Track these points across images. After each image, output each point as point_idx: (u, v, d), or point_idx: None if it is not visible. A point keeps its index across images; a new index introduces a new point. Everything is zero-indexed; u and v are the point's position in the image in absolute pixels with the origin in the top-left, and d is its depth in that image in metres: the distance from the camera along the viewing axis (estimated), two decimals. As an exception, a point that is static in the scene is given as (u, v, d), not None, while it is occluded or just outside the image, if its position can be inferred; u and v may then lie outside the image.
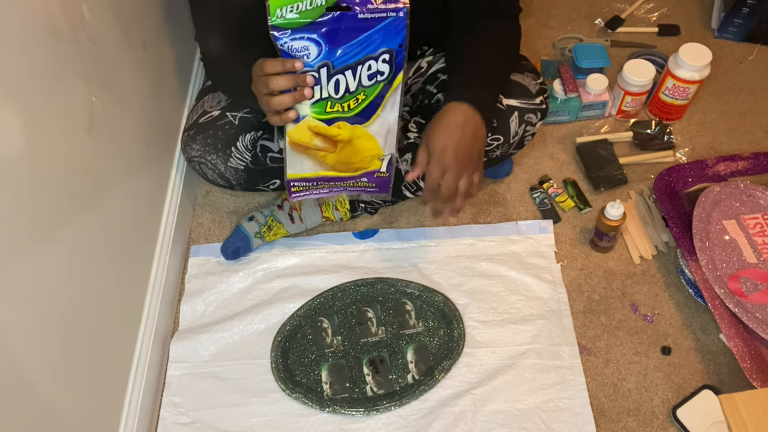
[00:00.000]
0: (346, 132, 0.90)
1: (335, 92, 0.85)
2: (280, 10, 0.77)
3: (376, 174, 0.98)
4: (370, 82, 0.85)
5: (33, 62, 0.78)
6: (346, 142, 0.92)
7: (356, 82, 0.85)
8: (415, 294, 1.14)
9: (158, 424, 1.04)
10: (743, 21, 1.48)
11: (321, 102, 0.86)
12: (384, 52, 0.83)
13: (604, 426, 1.02)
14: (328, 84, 0.84)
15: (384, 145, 0.94)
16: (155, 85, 1.16)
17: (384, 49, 0.82)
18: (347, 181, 0.99)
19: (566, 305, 1.13)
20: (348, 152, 0.93)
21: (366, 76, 0.84)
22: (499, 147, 1.12)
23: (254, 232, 1.19)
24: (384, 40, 0.82)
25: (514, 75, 1.10)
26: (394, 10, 0.79)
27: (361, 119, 0.90)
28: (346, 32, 0.80)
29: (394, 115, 0.90)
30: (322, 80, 0.84)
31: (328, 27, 0.79)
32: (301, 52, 0.81)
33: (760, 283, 1.07)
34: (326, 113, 0.87)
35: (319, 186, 0.99)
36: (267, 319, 1.13)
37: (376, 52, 0.83)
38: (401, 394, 1.04)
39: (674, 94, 1.32)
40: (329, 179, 0.98)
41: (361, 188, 1.01)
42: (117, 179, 1.00)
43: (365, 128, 0.91)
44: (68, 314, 0.85)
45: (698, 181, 1.25)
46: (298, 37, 0.79)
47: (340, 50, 0.81)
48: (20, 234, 0.75)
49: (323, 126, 0.89)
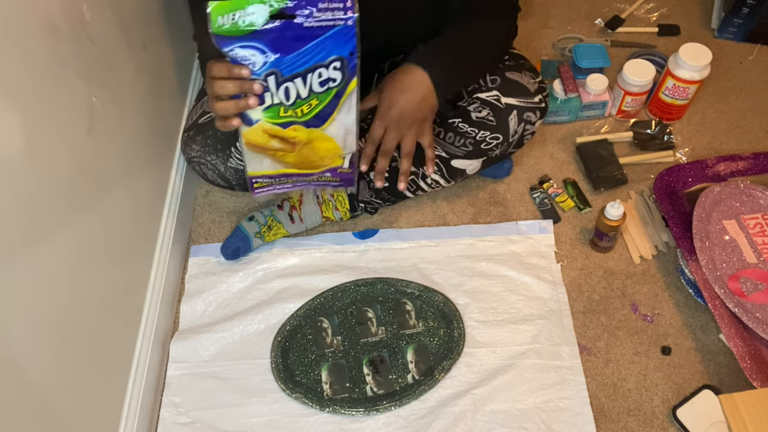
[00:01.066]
0: (302, 134, 0.89)
1: (286, 99, 0.84)
2: (222, 18, 0.75)
3: (339, 170, 0.96)
4: (321, 89, 0.84)
5: (33, 62, 0.78)
6: (305, 143, 0.91)
7: (307, 89, 0.83)
8: (415, 294, 1.14)
9: (158, 424, 1.04)
10: (743, 21, 1.48)
11: (273, 107, 0.84)
12: (334, 60, 0.81)
13: (604, 426, 1.02)
14: (278, 91, 0.82)
15: (343, 146, 0.93)
16: (155, 85, 1.16)
17: (334, 57, 0.81)
18: (311, 177, 0.98)
19: (566, 305, 1.13)
20: (307, 152, 0.92)
21: (317, 83, 0.83)
22: (499, 146, 1.12)
23: (254, 232, 1.19)
24: (333, 48, 0.80)
25: (513, 74, 1.10)
26: (342, 19, 0.77)
27: (317, 122, 0.88)
28: (292, 41, 0.78)
29: (351, 117, 0.89)
30: (272, 88, 0.82)
31: (273, 36, 0.77)
32: (246, 60, 0.79)
33: (760, 283, 1.07)
34: (280, 117, 0.86)
35: (282, 181, 0.98)
36: (267, 319, 1.13)
37: (325, 60, 0.81)
38: (401, 394, 1.04)
39: (674, 94, 1.32)
40: (290, 176, 0.97)
41: (325, 182, 0.99)
42: (117, 179, 1.00)
43: (322, 131, 0.89)
44: (68, 314, 0.85)
45: (698, 181, 1.25)
46: (242, 45, 0.77)
47: (287, 59, 0.79)
48: (20, 234, 0.75)
49: (279, 129, 0.87)
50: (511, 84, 1.09)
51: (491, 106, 1.09)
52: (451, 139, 1.11)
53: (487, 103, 1.09)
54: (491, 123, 1.09)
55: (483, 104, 1.09)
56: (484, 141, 1.11)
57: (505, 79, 1.10)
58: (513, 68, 1.11)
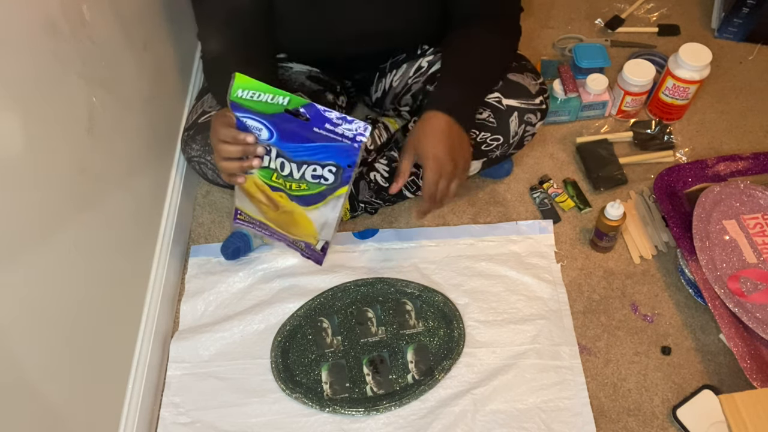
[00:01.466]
0: (286, 203, 0.93)
1: (281, 170, 0.88)
2: (242, 92, 0.80)
3: (312, 246, 1.00)
4: (313, 182, 0.88)
5: (33, 62, 0.78)
6: (286, 211, 0.94)
7: (300, 174, 0.87)
8: (415, 294, 1.14)
9: (158, 424, 1.04)
10: (743, 21, 1.48)
11: (268, 170, 0.89)
12: (331, 165, 0.85)
13: (604, 426, 1.02)
14: (276, 160, 0.87)
15: (319, 232, 0.96)
16: (155, 85, 1.16)
17: (332, 163, 0.85)
18: (287, 237, 1.02)
19: (566, 305, 1.13)
20: (287, 219, 0.96)
21: (310, 175, 0.87)
22: (499, 147, 1.12)
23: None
24: (334, 156, 0.84)
25: (514, 75, 1.10)
26: (351, 139, 0.81)
27: (302, 203, 0.92)
28: (299, 135, 0.83)
29: (335, 214, 0.93)
30: (271, 155, 0.87)
31: (283, 124, 0.82)
32: (253, 130, 0.83)
33: (760, 283, 1.07)
34: (271, 181, 0.90)
35: (262, 227, 1.02)
36: (267, 319, 1.13)
37: (323, 161, 0.85)
38: (401, 394, 1.04)
39: (674, 94, 1.32)
40: (270, 228, 1.01)
41: (299, 249, 1.04)
42: (117, 179, 1.00)
43: (304, 212, 0.93)
44: (68, 314, 0.85)
45: (698, 181, 1.25)
46: (254, 119, 0.82)
47: (290, 146, 0.84)
48: (20, 234, 0.75)
49: (267, 188, 0.92)
50: (513, 85, 1.09)
51: (492, 108, 1.09)
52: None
53: (488, 105, 1.09)
54: (492, 125, 1.09)
55: (484, 106, 1.09)
56: (485, 142, 1.11)
57: (506, 81, 1.10)
58: (515, 69, 1.11)
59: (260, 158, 0.86)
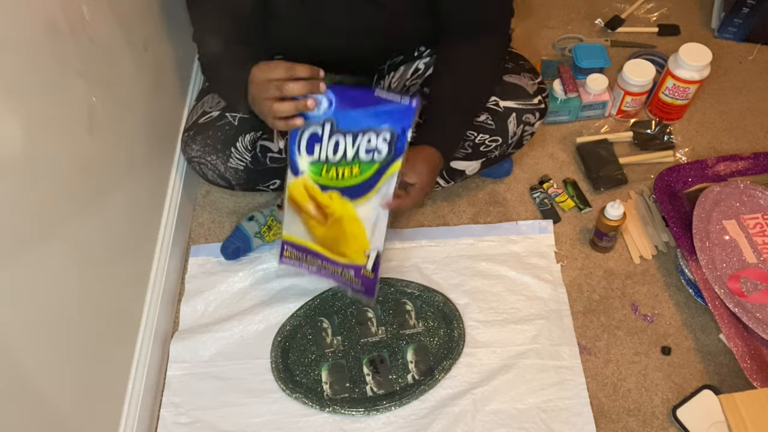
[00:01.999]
0: (336, 205, 0.94)
1: (333, 153, 0.89)
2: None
3: (362, 270, 1.00)
4: (366, 157, 0.89)
5: (33, 62, 0.78)
6: (336, 219, 0.95)
7: (354, 151, 0.89)
8: (415, 294, 1.14)
9: (158, 424, 1.04)
10: (743, 21, 1.48)
11: (318, 164, 0.90)
12: (386, 131, 0.86)
13: (604, 426, 1.02)
14: (329, 142, 0.88)
15: (371, 236, 0.96)
16: (155, 85, 1.16)
17: (387, 127, 0.86)
18: (335, 266, 1.02)
19: (566, 305, 1.13)
20: (336, 231, 0.96)
21: (364, 149, 0.88)
22: (498, 148, 1.12)
23: (254, 232, 1.19)
24: (390, 118, 0.86)
25: (511, 77, 1.10)
26: (408, 100, 0.85)
27: (354, 196, 0.92)
28: (359, 99, 0.86)
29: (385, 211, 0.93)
30: (324, 136, 0.88)
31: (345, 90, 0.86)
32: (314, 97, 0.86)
33: (760, 283, 1.07)
34: (321, 177, 0.92)
35: (308, 260, 1.03)
36: (267, 319, 1.13)
37: (379, 126, 0.86)
38: (401, 394, 1.04)
39: (674, 94, 1.32)
40: (318, 255, 1.01)
41: (348, 282, 1.03)
42: (117, 179, 1.00)
43: (355, 208, 0.93)
44: (68, 314, 0.85)
45: (698, 181, 1.25)
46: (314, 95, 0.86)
47: (347, 113, 0.86)
48: (20, 234, 0.75)
49: (317, 189, 0.93)
50: (510, 87, 1.09)
51: (490, 111, 1.09)
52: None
53: (485, 108, 1.09)
54: (490, 126, 1.09)
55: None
56: (483, 143, 1.11)
57: (503, 83, 1.10)
58: (511, 71, 1.11)
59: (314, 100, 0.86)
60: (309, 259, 1.03)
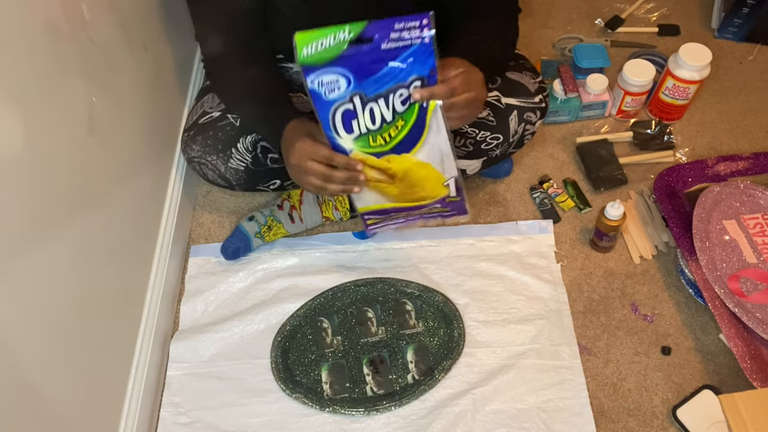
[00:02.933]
0: (396, 164, 0.90)
1: (372, 123, 0.85)
2: (306, 48, 0.78)
3: (447, 199, 0.95)
4: (404, 107, 0.84)
5: (33, 62, 0.78)
6: (402, 175, 0.91)
7: (391, 111, 0.85)
8: (415, 294, 1.14)
9: (158, 424, 1.04)
10: (743, 21, 1.48)
11: (363, 137, 0.87)
12: (415, 80, 0.82)
13: (604, 426, 1.02)
14: (364, 114, 0.85)
15: (442, 169, 0.91)
16: (155, 85, 1.16)
17: (415, 77, 0.82)
18: (420, 210, 0.97)
19: (566, 305, 1.13)
20: (407, 183, 0.92)
21: (399, 102, 0.84)
22: (499, 146, 1.12)
23: (254, 232, 1.19)
24: (413, 67, 0.81)
25: (513, 74, 1.10)
26: (419, 38, 0.79)
27: (406, 147, 0.88)
28: (373, 63, 0.81)
29: (443, 136, 0.87)
30: (357, 109, 0.84)
31: (354, 60, 0.80)
32: (331, 85, 0.82)
33: (760, 283, 1.07)
34: (370, 147, 0.88)
35: (394, 217, 0.99)
36: (267, 319, 1.13)
37: (407, 80, 0.82)
38: (401, 394, 1.04)
39: (674, 94, 1.32)
40: (400, 210, 0.97)
41: (437, 213, 0.99)
42: (117, 179, 1.00)
43: (413, 157, 0.89)
44: (68, 314, 0.85)
45: (698, 181, 1.25)
46: (327, 71, 0.80)
47: (370, 80, 0.82)
48: (20, 234, 0.75)
49: (373, 159, 0.89)
50: (512, 84, 1.09)
51: (491, 107, 1.09)
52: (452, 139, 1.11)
53: (487, 104, 1.09)
54: (491, 123, 1.09)
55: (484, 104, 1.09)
56: (485, 141, 1.11)
57: (505, 79, 1.10)
58: (513, 68, 1.11)
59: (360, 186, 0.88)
60: (393, 216, 0.99)
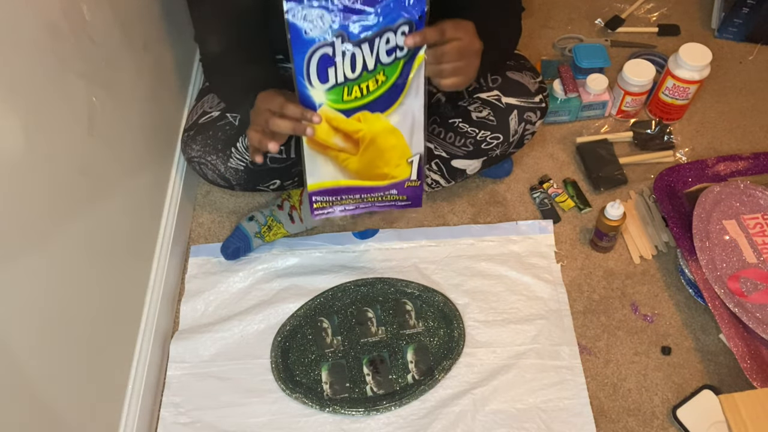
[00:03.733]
0: (366, 126, 0.85)
1: (351, 71, 0.79)
2: None
3: (406, 184, 0.92)
4: (389, 59, 0.79)
5: (33, 62, 0.78)
6: (369, 142, 0.86)
7: (374, 59, 0.79)
8: (415, 294, 1.14)
9: (158, 424, 1.04)
10: (743, 21, 1.48)
11: (337, 88, 0.81)
12: (403, 24, 0.77)
13: (604, 426, 1.02)
14: (344, 60, 0.78)
15: (410, 141, 0.87)
16: (155, 85, 1.16)
17: (403, 20, 0.77)
18: (375, 194, 0.93)
19: (566, 305, 1.13)
20: (372, 153, 0.88)
21: (384, 51, 0.79)
22: (499, 146, 1.12)
23: (254, 232, 1.19)
24: (402, 7, 0.76)
25: (513, 73, 1.10)
26: None
27: (383, 105, 0.83)
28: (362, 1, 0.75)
29: (419, 102, 0.83)
30: (337, 55, 0.78)
31: None
32: (314, 21, 0.76)
33: (760, 283, 1.07)
34: (344, 102, 0.82)
35: (344, 201, 0.94)
36: (267, 319, 1.13)
37: (394, 23, 0.77)
38: (401, 394, 1.04)
39: (674, 94, 1.32)
40: (354, 190, 0.92)
41: (391, 202, 0.95)
42: (117, 179, 1.00)
43: (387, 118, 0.84)
44: (68, 314, 0.85)
45: (698, 181, 1.25)
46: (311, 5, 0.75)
47: (355, 19, 0.76)
48: (20, 234, 0.75)
49: (342, 119, 0.83)
50: (512, 83, 1.09)
51: (492, 106, 1.09)
52: (452, 139, 1.11)
53: (487, 103, 1.09)
54: (492, 123, 1.09)
55: (483, 104, 1.09)
56: (485, 141, 1.11)
57: (505, 79, 1.10)
58: (514, 68, 1.11)
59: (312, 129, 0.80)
60: (344, 199, 0.94)
